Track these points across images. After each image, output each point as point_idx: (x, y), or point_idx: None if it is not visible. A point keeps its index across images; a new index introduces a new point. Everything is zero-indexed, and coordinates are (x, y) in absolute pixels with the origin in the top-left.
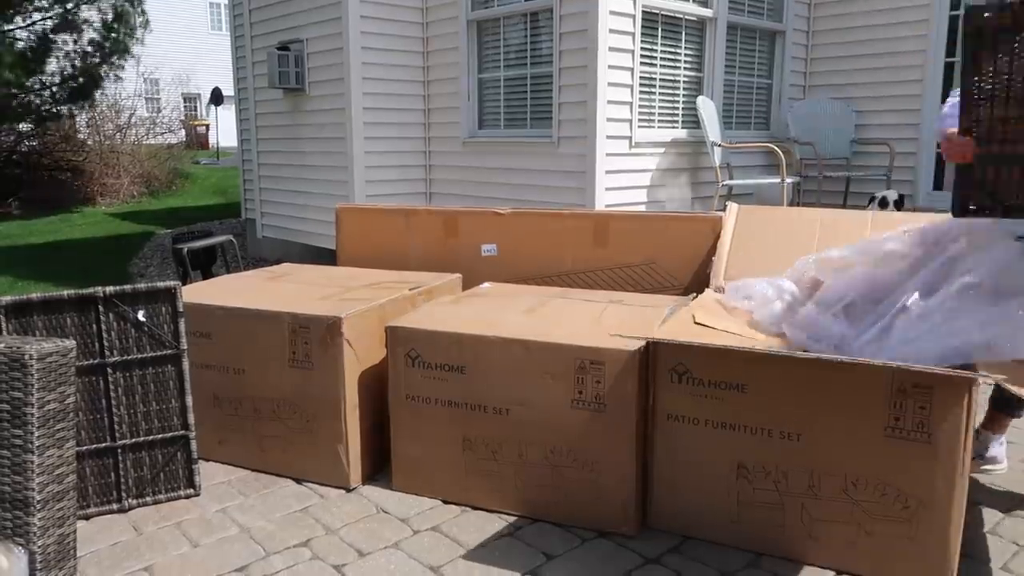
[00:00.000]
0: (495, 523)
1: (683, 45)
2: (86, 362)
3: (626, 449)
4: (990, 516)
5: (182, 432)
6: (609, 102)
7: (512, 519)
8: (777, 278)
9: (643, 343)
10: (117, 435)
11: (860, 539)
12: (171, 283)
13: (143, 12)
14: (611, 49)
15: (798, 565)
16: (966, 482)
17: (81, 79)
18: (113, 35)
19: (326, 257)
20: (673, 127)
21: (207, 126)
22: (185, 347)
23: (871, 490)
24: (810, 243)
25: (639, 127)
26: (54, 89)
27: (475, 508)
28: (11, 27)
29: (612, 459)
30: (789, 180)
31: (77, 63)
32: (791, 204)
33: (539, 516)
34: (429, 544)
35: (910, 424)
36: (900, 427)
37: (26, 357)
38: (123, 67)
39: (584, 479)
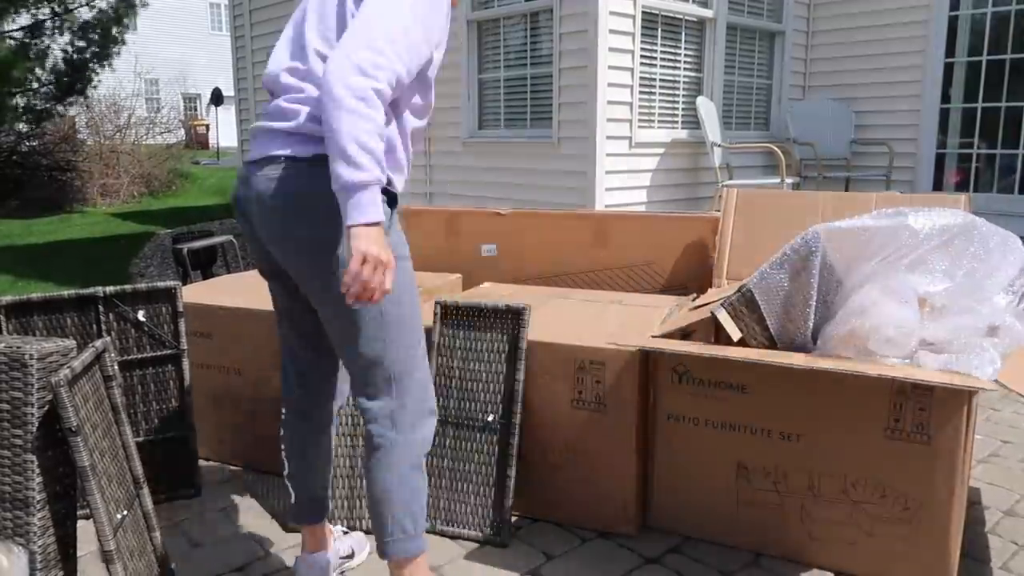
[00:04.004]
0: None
1: (683, 45)
2: None
3: (626, 449)
4: (990, 516)
5: (182, 432)
6: (609, 102)
7: (513, 519)
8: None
9: (645, 342)
10: None
11: (860, 540)
12: (171, 283)
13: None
14: (611, 49)
15: (798, 565)
16: (966, 483)
17: (73, 73)
18: (103, 28)
19: None
20: (673, 127)
21: (207, 126)
22: (185, 347)
23: (871, 491)
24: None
25: (639, 127)
26: (49, 87)
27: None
28: (10, 28)
29: (612, 459)
30: (789, 180)
31: (72, 58)
32: None
33: (539, 516)
34: (429, 543)
35: (909, 425)
36: (900, 428)
37: (26, 357)
38: (113, 60)
39: (584, 479)
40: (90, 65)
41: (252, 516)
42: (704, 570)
